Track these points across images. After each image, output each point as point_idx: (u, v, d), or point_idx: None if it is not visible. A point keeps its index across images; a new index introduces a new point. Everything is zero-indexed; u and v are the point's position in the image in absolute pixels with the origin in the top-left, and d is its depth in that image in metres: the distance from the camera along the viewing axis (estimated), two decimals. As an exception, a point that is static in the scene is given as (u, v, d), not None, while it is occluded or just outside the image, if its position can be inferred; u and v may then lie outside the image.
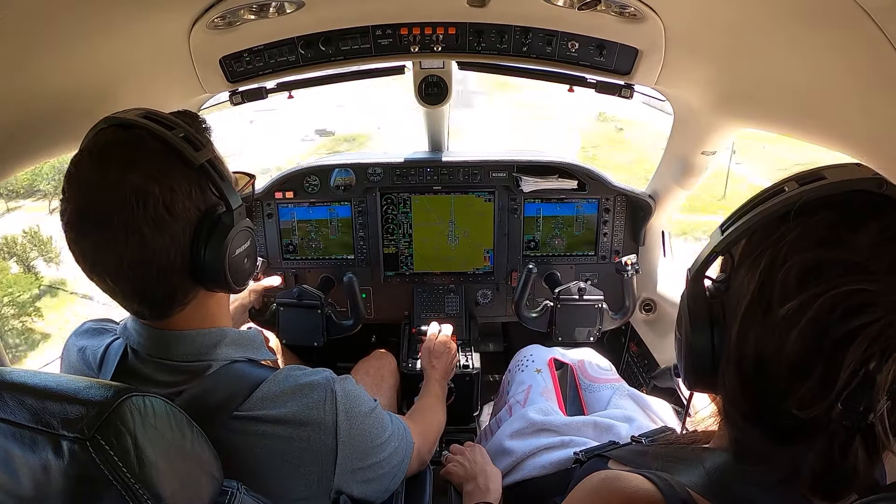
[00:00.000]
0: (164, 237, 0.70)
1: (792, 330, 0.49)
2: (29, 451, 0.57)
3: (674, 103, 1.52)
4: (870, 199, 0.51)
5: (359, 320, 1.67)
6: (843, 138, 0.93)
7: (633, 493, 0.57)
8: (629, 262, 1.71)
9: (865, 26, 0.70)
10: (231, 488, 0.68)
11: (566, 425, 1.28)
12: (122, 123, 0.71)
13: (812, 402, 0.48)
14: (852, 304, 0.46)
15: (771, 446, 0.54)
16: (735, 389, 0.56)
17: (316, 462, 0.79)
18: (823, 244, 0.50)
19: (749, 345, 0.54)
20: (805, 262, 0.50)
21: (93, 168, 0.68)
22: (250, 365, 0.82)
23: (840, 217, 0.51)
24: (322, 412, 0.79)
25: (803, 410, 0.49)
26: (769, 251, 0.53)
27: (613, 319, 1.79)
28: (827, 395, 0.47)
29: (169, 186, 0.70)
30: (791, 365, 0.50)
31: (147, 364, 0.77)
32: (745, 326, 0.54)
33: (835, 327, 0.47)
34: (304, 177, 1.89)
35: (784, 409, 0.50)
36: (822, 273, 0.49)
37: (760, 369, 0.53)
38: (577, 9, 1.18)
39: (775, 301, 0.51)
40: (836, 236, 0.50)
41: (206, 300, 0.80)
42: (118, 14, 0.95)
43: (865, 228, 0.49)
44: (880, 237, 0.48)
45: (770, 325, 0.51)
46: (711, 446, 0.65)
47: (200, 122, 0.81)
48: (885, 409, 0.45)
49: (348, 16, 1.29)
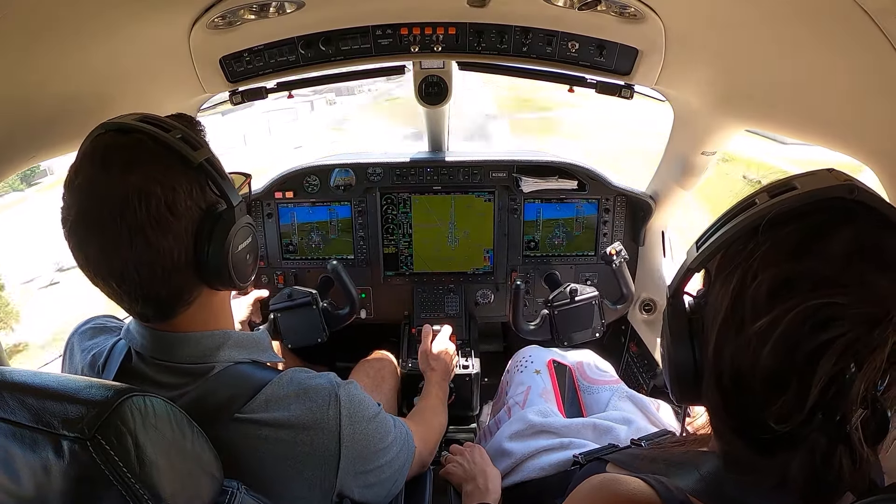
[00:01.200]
0: (168, 237, 0.70)
1: (765, 346, 0.49)
2: (29, 451, 0.57)
3: (674, 103, 1.52)
4: (842, 206, 0.51)
5: (354, 306, 1.63)
6: (842, 138, 0.94)
7: (630, 496, 0.57)
8: (614, 251, 1.69)
9: (865, 26, 0.70)
10: (231, 488, 0.68)
11: (565, 427, 1.28)
12: (119, 128, 0.72)
13: (789, 415, 0.48)
14: (820, 318, 0.46)
15: (756, 457, 0.55)
16: (717, 403, 0.57)
17: (318, 466, 0.79)
18: (793, 257, 0.50)
19: (726, 360, 0.54)
20: (775, 276, 0.50)
21: (93, 172, 0.69)
22: (254, 367, 0.82)
23: (811, 228, 0.51)
24: (325, 416, 0.80)
25: (780, 424, 0.48)
26: (741, 266, 0.53)
27: (614, 310, 1.77)
28: (802, 407, 0.47)
29: (170, 186, 0.70)
30: (766, 379, 0.50)
31: (150, 366, 0.77)
32: (721, 342, 0.55)
33: (805, 342, 0.47)
34: (303, 177, 1.89)
35: (763, 421, 0.50)
36: (791, 287, 0.49)
37: (738, 384, 0.53)
38: (577, 9, 1.18)
39: (747, 317, 0.51)
40: (807, 248, 0.50)
41: (210, 300, 0.81)
42: (118, 14, 0.95)
43: (838, 237, 0.49)
44: (853, 245, 0.48)
45: (743, 341, 0.52)
46: (708, 450, 0.66)
47: (196, 124, 0.82)
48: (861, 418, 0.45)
49: (348, 16, 1.29)
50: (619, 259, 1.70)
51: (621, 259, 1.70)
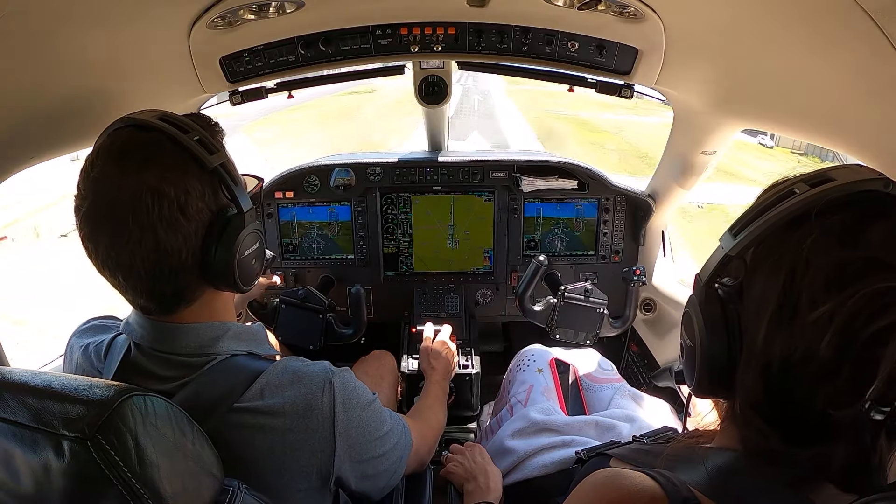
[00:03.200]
0: (178, 238, 0.71)
1: (823, 335, 0.49)
2: (30, 451, 0.57)
3: (674, 103, 1.52)
4: (879, 199, 0.52)
5: (359, 331, 1.65)
6: (842, 138, 0.94)
7: (635, 490, 0.57)
8: (638, 271, 1.69)
9: (865, 26, 0.70)
10: (232, 487, 0.68)
11: (568, 425, 1.28)
12: (138, 124, 0.72)
13: (841, 401, 0.49)
14: (880, 305, 0.47)
15: (790, 448, 0.55)
16: (757, 393, 0.56)
17: (314, 454, 0.79)
18: (843, 245, 0.51)
19: (775, 350, 0.54)
20: (828, 265, 0.51)
21: (109, 166, 0.69)
22: (250, 358, 0.82)
23: (852, 218, 0.52)
24: (319, 402, 0.80)
25: (834, 409, 0.49)
26: (789, 255, 0.53)
27: (613, 328, 1.76)
28: (858, 395, 0.47)
29: (184, 188, 0.71)
30: (822, 366, 0.50)
31: (150, 358, 0.78)
32: (772, 332, 0.54)
33: (864, 329, 0.47)
34: (303, 177, 1.89)
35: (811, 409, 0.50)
36: (846, 275, 0.49)
37: (787, 372, 0.53)
38: (576, 9, 1.18)
39: (802, 306, 0.51)
40: (854, 237, 0.51)
41: (213, 299, 0.81)
42: (118, 14, 0.95)
43: (880, 226, 0.50)
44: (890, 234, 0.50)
45: (797, 331, 0.52)
46: (714, 446, 0.65)
47: (214, 126, 0.83)
48: None
49: (348, 16, 1.29)
50: (638, 280, 1.70)
51: (640, 282, 1.70)
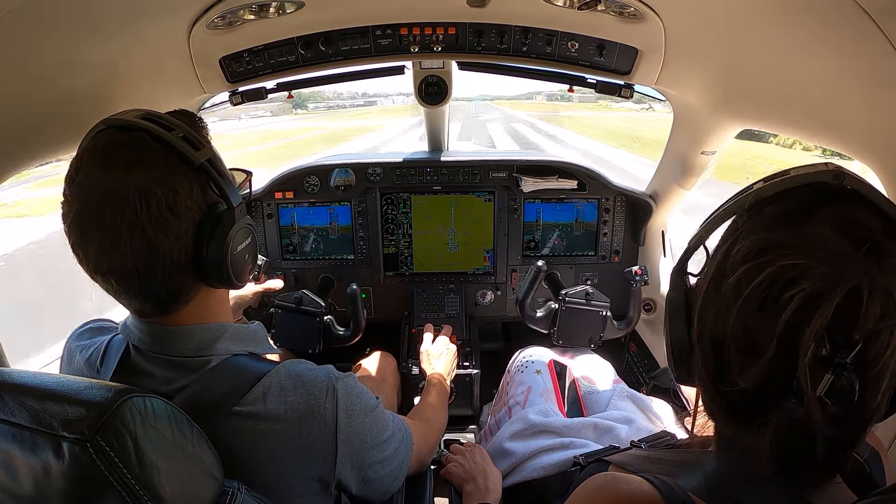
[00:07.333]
0: (168, 237, 0.70)
1: (737, 302, 0.52)
2: (29, 452, 0.57)
3: (674, 103, 1.52)
4: (826, 190, 0.54)
5: (357, 332, 1.64)
6: (842, 137, 0.94)
7: (633, 494, 0.57)
8: (639, 271, 1.68)
9: (865, 26, 0.70)
10: (231, 488, 0.68)
11: (566, 427, 1.28)
12: (121, 125, 0.71)
13: (762, 379, 0.50)
14: (787, 278, 0.49)
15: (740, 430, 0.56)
16: (703, 374, 0.59)
17: (316, 459, 0.79)
18: (769, 229, 0.54)
19: (708, 323, 0.57)
20: (753, 243, 0.54)
21: (95, 170, 0.68)
22: (251, 359, 0.82)
23: (791, 205, 0.55)
24: (322, 408, 0.79)
25: (750, 381, 0.51)
26: (728, 240, 0.58)
27: (617, 329, 1.75)
28: (772, 370, 0.49)
29: (172, 187, 0.70)
30: (739, 341, 0.53)
31: (149, 360, 0.77)
32: (704, 307, 0.58)
33: (773, 301, 0.49)
34: (303, 177, 1.89)
35: (747, 388, 0.52)
36: (763, 252, 0.52)
37: (717, 347, 0.56)
38: (576, 9, 1.19)
39: (725, 280, 0.55)
40: (784, 221, 0.54)
41: (208, 297, 0.81)
42: (118, 14, 0.95)
43: (819, 213, 0.52)
44: (829, 220, 0.51)
45: (721, 303, 0.55)
46: (711, 450, 0.66)
47: (198, 121, 0.82)
48: (828, 385, 0.46)
49: (348, 16, 1.29)
50: (640, 280, 1.69)
51: (642, 281, 1.70)
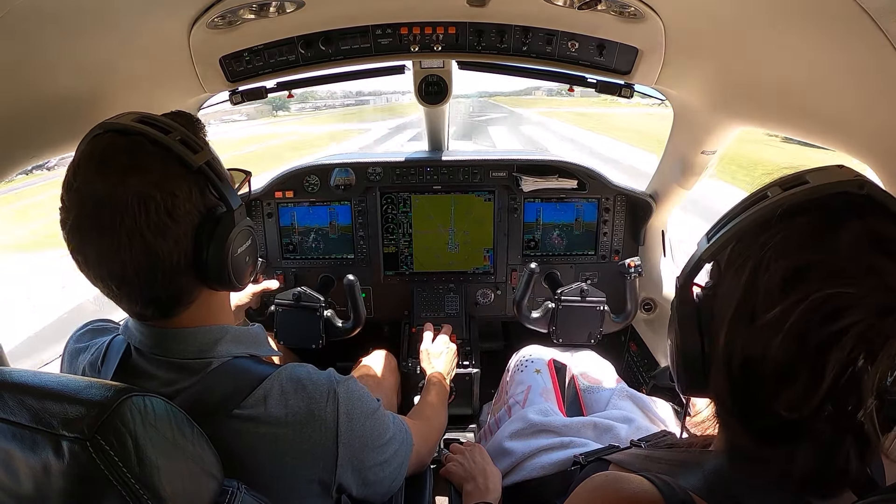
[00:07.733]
0: (168, 241, 0.70)
1: (776, 336, 0.50)
2: (29, 452, 0.57)
3: (674, 103, 1.52)
4: (851, 201, 0.52)
5: (358, 323, 1.64)
6: (842, 137, 0.94)
7: (633, 494, 0.57)
8: (633, 263, 1.68)
9: (865, 26, 0.70)
10: (231, 488, 0.68)
11: (566, 426, 1.28)
12: (118, 129, 0.71)
13: (799, 404, 0.49)
14: (831, 308, 0.47)
15: (760, 447, 0.55)
16: (724, 393, 0.57)
17: (316, 463, 0.79)
18: (804, 248, 0.51)
19: (737, 350, 0.54)
20: (787, 267, 0.51)
21: (92, 176, 0.68)
22: (252, 361, 0.82)
23: (820, 220, 0.52)
24: (323, 412, 0.79)
25: (791, 412, 0.49)
26: (753, 257, 0.54)
27: (615, 322, 1.76)
28: (811, 398, 0.48)
29: (170, 191, 0.69)
30: (776, 369, 0.51)
31: (149, 361, 0.77)
32: (733, 333, 0.55)
33: (816, 332, 0.47)
34: (303, 176, 1.89)
35: (773, 411, 0.50)
36: (802, 278, 0.49)
37: (748, 373, 0.54)
38: (577, 8, 1.18)
39: (759, 307, 0.52)
40: (818, 239, 0.51)
41: (209, 299, 0.80)
42: (118, 14, 0.95)
43: (848, 228, 0.50)
44: (863, 237, 0.49)
45: (755, 331, 0.52)
46: (712, 449, 0.66)
47: (195, 123, 0.81)
48: (874, 407, 0.45)
49: (348, 15, 1.29)
50: (634, 272, 1.69)
51: (636, 273, 1.69)
